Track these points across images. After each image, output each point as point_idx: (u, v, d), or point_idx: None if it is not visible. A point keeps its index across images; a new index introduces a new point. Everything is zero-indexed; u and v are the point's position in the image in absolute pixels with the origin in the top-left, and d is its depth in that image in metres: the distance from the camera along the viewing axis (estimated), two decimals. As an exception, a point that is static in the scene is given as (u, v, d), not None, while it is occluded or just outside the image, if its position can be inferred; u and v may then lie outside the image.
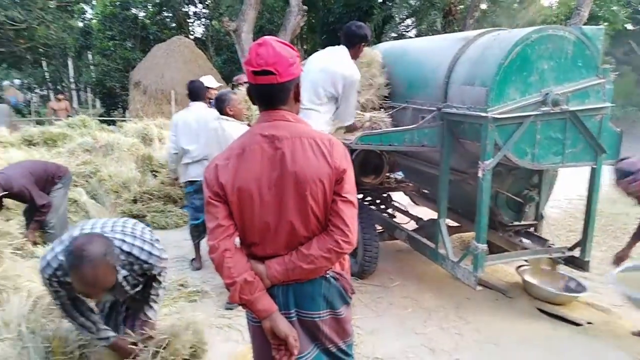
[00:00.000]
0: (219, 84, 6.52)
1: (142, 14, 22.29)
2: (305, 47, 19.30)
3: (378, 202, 5.23)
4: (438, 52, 3.91)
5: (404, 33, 18.49)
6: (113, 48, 20.93)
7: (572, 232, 5.55)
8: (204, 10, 22.94)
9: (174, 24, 22.84)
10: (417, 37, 15.48)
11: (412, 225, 4.84)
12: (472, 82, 3.33)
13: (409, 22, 18.54)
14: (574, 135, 3.31)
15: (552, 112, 3.17)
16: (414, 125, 3.59)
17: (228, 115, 3.81)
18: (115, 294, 2.35)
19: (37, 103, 23.67)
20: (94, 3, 22.71)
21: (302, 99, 1.76)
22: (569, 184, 6.27)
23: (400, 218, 5.11)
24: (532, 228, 4.14)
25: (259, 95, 1.68)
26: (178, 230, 5.80)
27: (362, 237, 4.05)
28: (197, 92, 4.57)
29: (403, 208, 5.24)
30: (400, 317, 3.65)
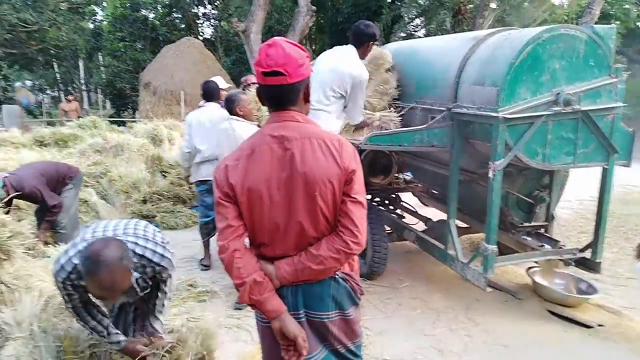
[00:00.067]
0: (228, 85, 6.54)
1: (152, 16, 22.47)
2: (314, 47, 19.31)
3: (387, 202, 5.21)
4: (448, 51, 3.89)
5: (413, 33, 18.43)
6: (123, 49, 21.11)
7: (583, 233, 5.50)
8: (213, 11, 23.06)
9: (184, 25, 22.98)
10: (426, 36, 15.42)
11: (421, 226, 4.82)
12: (482, 82, 3.31)
13: (418, 21, 18.48)
14: (586, 136, 3.28)
15: (563, 112, 3.15)
16: (424, 126, 3.57)
17: (238, 116, 3.83)
18: (127, 296, 2.37)
19: (48, 104, 23.93)
20: (105, 5, 22.92)
21: (311, 100, 1.75)
22: (580, 185, 6.21)
23: (409, 219, 5.09)
24: (542, 229, 4.10)
25: (269, 96, 1.68)
26: (187, 231, 5.83)
27: (371, 237, 4.04)
28: (211, 92, 4.62)
29: (412, 209, 5.22)
30: (409, 318, 3.63)
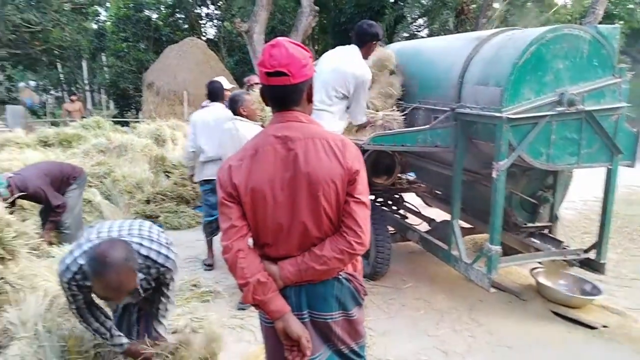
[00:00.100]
0: (231, 85, 6.55)
1: (155, 16, 22.55)
2: (317, 47, 19.33)
3: (390, 203, 5.21)
4: (451, 51, 3.88)
5: (416, 33, 18.44)
6: (126, 50, 21.18)
7: (587, 233, 5.48)
8: (216, 12, 23.12)
9: (187, 26, 23.05)
10: (429, 36, 15.41)
11: (424, 227, 4.82)
12: (486, 82, 3.30)
13: (421, 21, 18.49)
14: (590, 136, 3.27)
15: (567, 112, 3.13)
16: (427, 126, 3.57)
17: (242, 116, 3.84)
18: (131, 297, 2.37)
19: (52, 104, 24.02)
20: (108, 5, 23.00)
21: (313, 100, 1.75)
22: (584, 185, 6.19)
23: (413, 219, 5.08)
24: (546, 230, 4.09)
25: (272, 97, 1.68)
26: (191, 231, 5.84)
27: (374, 238, 4.04)
28: (216, 92, 4.65)
29: (415, 209, 5.21)
30: (413, 318, 3.63)
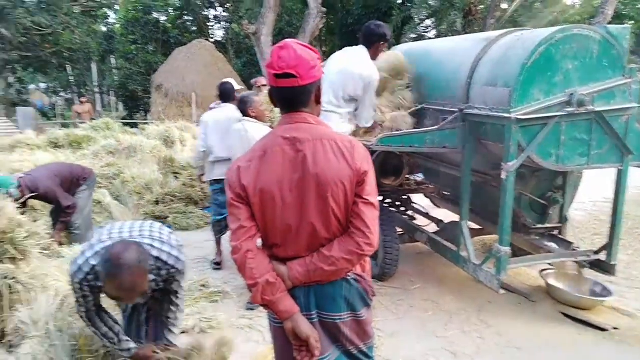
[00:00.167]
0: (240, 87, 6.58)
1: (163, 18, 22.71)
2: (324, 49, 19.35)
3: (398, 204, 5.20)
4: (460, 52, 3.87)
5: (424, 34, 18.40)
6: (135, 52, 21.35)
7: (597, 235, 5.44)
8: (224, 14, 23.23)
9: (195, 28, 23.18)
10: (437, 37, 15.37)
11: (432, 228, 4.80)
12: (494, 82, 3.29)
13: (429, 22, 18.45)
14: (600, 137, 3.24)
15: (577, 112, 3.12)
16: (436, 127, 3.56)
17: (251, 117, 3.86)
18: (141, 297, 2.39)
19: (62, 106, 24.24)
20: (117, 8, 23.18)
21: (322, 101, 1.76)
22: (594, 186, 6.15)
23: (421, 220, 5.07)
24: (556, 231, 4.06)
25: (281, 98, 1.69)
26: (199, 232, 5.87)
27: (382, 239, 4.04)
28: (228, 93, 4.70)
29: (423, 210, 5.20)
30: (421, 320, 3.62)
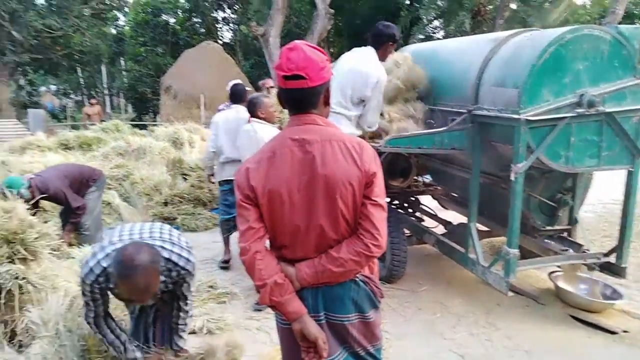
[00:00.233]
0: (247, 88, 6.60)
1: (172, 20, 22.86)
2: (332, 50, 19.36)
3: (406, 205, 5.19)
4: (468, 53, 3.86)
5: (432, 34, 18.36)
6: (144, 54, 21.51)
7: (607, 237, 5.38)
8: (233, 16, 23.33)
9: (203, 30, 23.30)
10: (445, 38, 15.33)
11: (440, 230, 4.79)
12: (503, 83, 3.27)
13: (437, 23, 18.41)
14: (610, 138, 3.21)
15: (587, 113, 3.09)
16: (444, 128, 3.55)
17: (260, 118, 3.88)
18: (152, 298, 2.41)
19: (72, 108, 24.46)
20: (127, 10, 23.37)
21: (331, 102, 1.76)
22: (604, 188, 6.09)
23: (429, 222, 5.06)
24: (565, 233, 4.03)
25: (289, 100, 1.69)
26: (207, 233, 5.89)
27: (390, 241, 4.02)
28: (239, 94, 4.74)
29: (432, 212, 5.18)
30: (429, 322, 3.60)
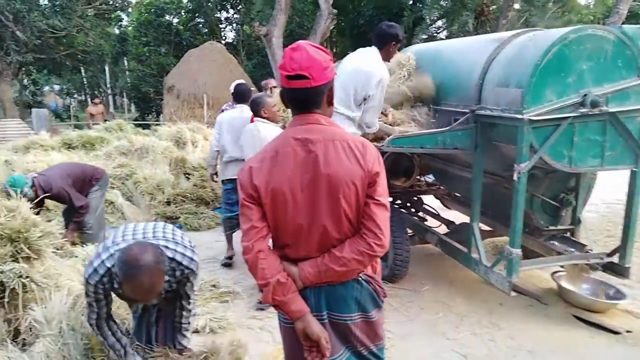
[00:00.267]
0: (251, 88, 6.62)
1: (175, 20, 22.90)
2: (335, 50, 19.36)
3: (409, 205, 5.18)
4: (472, 53, 3.86)
5: (435, 35, 18.32)
6: (148, 54, 21.53)
7: (610, 237, 5.37)
8: (236, 16, 23.33)
9: (207, 30, 23.32)
10: (448, 38, 15.31)
11: (443, 229, 4.78)
12: (507, 83, 3.27)
13: (440, 23, 18.37)
14: (614, 138, 3.20)
15: (590, 113, 3.08)
16: (447, 128, 3.55)
17: (263, 118, 3.89)
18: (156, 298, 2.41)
19: (75, 108, 24.54)
20: (130, 10, 23.41)
21: (334, 102, 1.76)
22: (607, 187, 6.08)
23: (432, 222, 5.05)
24: (568, 233, 4.02)
25: (293, 99, 1.70)
26: (210, 232, 5.90)
27: (392, 240, 4.01)
28: (244, 94, 4.76)
29: (434, 211, 5.18)
30: (432, 322, 3.60)
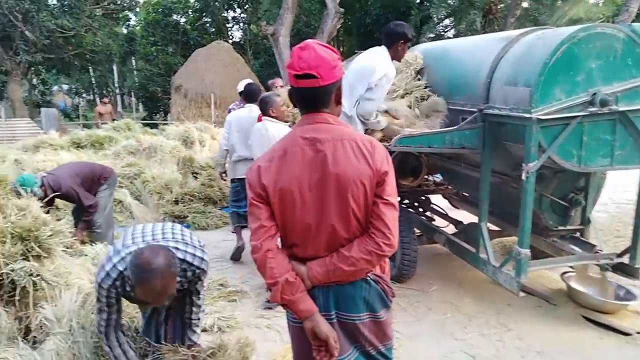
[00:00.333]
0: (260, 88, 6.63)
1: (183, 20, 23.00)
2: (342, 49, 19.34)
3: (416, 205, 5.17)
4: (480, 51, 3.83)
5: (443, 33, 18.26)
6: (155, 53, 21.64)
7: (620, 237, 5.32)
8: (243, 15, 23.40)
9: (214, 29, 23.40)
10: (455, 37, 15.24)
11: (451, 229, 4.76)
12: (515, 82, 3.25)
13: (448, 22, 18.30)
14: (623, 137, 3.17)
15: (600, 112, 3.06)
16: (454, 127, 3.53)
17: (271, 117, 3.90)
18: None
19: (84, 107, 24.71)
20: (138, 10, 23.54)
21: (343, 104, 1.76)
22: (617, 187, 6.02)
23: (440, 221, 5.04)
24: (578, 233, 3.99)
25: (301, 98, 1.70)
26: (218, 231, 5.92)
27: (400, 240, 3.99)
28: (253, 93, 4.78)
29: (442, 211, 5.16)
30: (440, 322, 3.59)
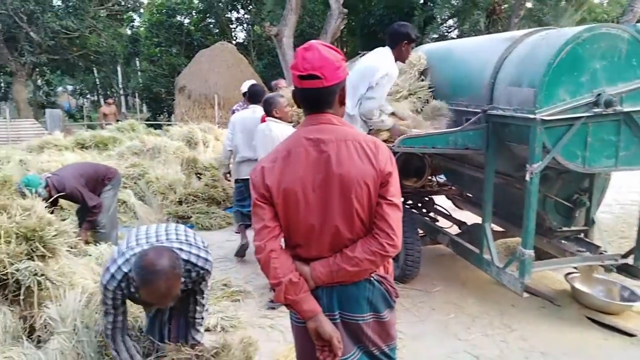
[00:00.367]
0: (264, 89, 6.64)
1: (187, 21, 23.06)
2: (345, 50, 19.34)
3: (420, 205, 5.17)
4: (484, 52, 3.83)
5: (446, 34, 18.24)
6: (159, 54, 21.72)
7: (624, 238, 5.30)
8: (246, 16, 23.43)
9: (217, 30, 23.45)
10: (459, 37, 15.22)
11: (455, 230, 4.76)
12: (519, 82, 3.24)
13: (451, 22, 18.28)
14: (628, 138, 3.17)
15: (604, 113, 3.05)
16: (458, 128, 3.53)
17: (275, 118, 3.91)
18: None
19: (88, 108, 24.81)
20: (142, 11, 23.61)
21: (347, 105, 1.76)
22: (621, 188, 6.00)
23: (443, 222, 5.03)
24: (582, 234, 3.98)
25: (305, 99, 1.70)
26: (221, 231, 5.94)
27: (404, 241, 3.99)
28: (257, 95, 4.80)
29: (446, 212, 5.15)
30: (443, 322, 3.59)
